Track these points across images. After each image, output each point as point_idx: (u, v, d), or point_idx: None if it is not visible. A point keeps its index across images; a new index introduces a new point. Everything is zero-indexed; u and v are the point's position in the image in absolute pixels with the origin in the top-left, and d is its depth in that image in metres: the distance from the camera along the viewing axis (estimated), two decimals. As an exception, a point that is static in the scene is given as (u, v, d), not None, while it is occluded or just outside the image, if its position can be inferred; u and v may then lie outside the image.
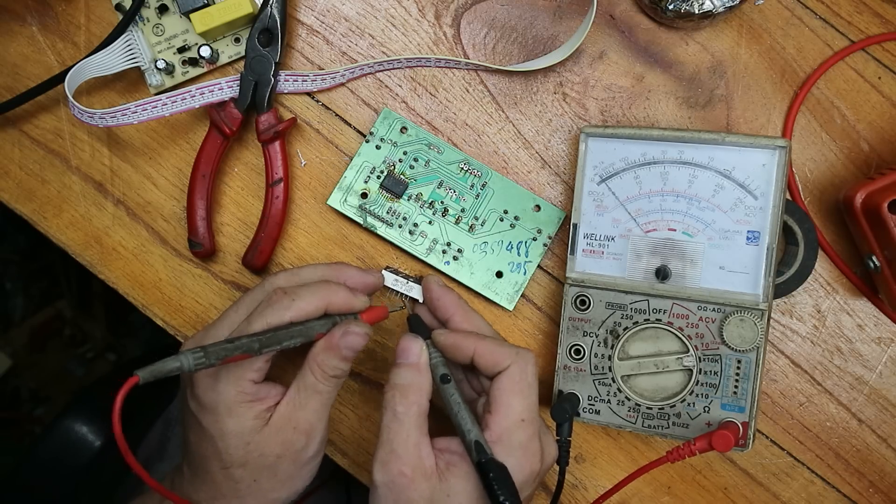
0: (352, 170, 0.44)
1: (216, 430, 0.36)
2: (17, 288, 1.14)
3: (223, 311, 0.39)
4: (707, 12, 0.42)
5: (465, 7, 0.45)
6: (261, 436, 0.36)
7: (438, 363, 0.38)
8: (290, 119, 0.44)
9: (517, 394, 0.36)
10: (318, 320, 0.37)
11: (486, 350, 0.37)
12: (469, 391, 0.41)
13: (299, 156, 0.46)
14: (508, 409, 0.36)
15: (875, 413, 0.45)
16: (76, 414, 0.64)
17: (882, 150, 0.44)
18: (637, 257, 0.41)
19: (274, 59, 0.43)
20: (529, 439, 0.36)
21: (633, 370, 0.41)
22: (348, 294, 0.38)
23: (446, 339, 0.38)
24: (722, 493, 0.46)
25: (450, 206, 0.44)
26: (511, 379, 0.36)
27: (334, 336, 0.37)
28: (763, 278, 0.39)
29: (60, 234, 0.46)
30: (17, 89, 0.45)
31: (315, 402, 0.37)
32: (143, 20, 0.44)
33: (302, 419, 0.37)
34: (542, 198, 0.44)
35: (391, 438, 0.35)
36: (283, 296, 0.37)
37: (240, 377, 0.36)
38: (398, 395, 0.36)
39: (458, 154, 0.44)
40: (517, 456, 0.35)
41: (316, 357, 0.37)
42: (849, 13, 0.44)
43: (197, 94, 0.43)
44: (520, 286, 0.44)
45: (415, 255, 0.44)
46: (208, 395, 0.36)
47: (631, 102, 0.45)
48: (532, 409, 0.37)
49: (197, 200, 0.44)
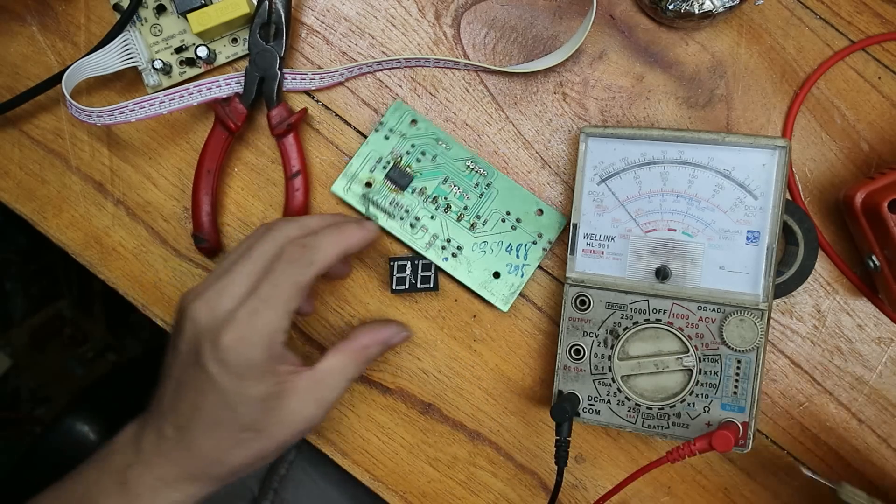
0: (358, 158, 0.44)
1: (239, 395, 0.35)
2: (17, 288, 1.13)
3: (225, 259, 0.38)
4: (707, 12, 0.42)
5: (465, 7, 0.45)
6: (280, 402, 0.35)
7: None
8: (302, 110, 0.44)
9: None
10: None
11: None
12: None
13: (299, 156, 0.46)
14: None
15: (875, 413, 0.45)
16: (76, 413, 0.64)
17: (882, 150, 0.44)
18: (637, 257, 0.41)
19: (279, 54, 0.43)
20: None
21: (632, 370, 0.41)
22: (362, 231, 0.38)
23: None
24: (722, 493, 0.46)
25: (453, 202, 0.44)
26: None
27: (388, 334, 0.40)
28: (763, 278, 0.39)
29: (60, 234, 0.46)
30: (17, 89, 0.45)
31: (345, 382, 0.38)
32: (140, 20, 0.44)
33: (326, 395, 0.37)
34: (544, 201, 0.44)
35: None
36: (303, 250, 0.36)
37: (272, 339, 0.35)
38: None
39: (466, 152, 0.44)
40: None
41: (367, 349, 0.39)
42: (849, 13, 0.44)
43: (195, 91, 0.43)
44: (516, 289, 0.44)
45: (414, 248, 0.44)
46: (238, 359, 0.34)
47: (631, 102, 0.45)
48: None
49: (202, 196, 0.44)
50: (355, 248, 0.38)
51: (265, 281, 0.35)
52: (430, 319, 0.46)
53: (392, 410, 0.46)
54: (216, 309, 0.35)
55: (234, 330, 0.34)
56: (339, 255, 0.37)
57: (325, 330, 0.46)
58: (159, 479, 0.36)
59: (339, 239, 0.37)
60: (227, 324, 0.35)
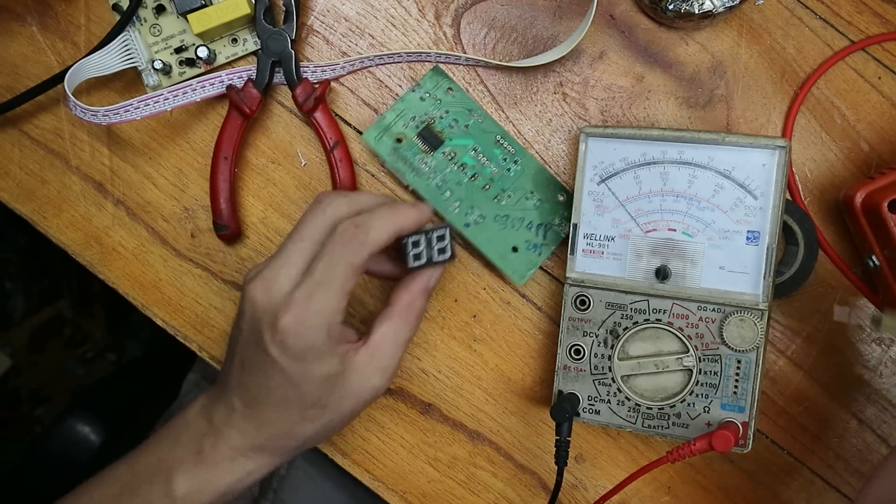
0: (393, 112, 0.44)
1: (303, 376, 0.35)
2: (17, 288, 1.14)
3: (282, 244, 0.37)
4: (707, 12, 0.42)
5: (465, 7, 0.45)
6: (344, 378, 0.36)
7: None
8: (325, 81, 0.44)
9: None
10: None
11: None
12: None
13: (299, 156, 0.46)
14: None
15: (875, 413, 0.45)
16: (77, 414, 0.64)
17: (882, 150, 0.44)
18: (637, 257, 0.41)
19: (290, 36, 0.43)
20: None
21: (632, 370, 0.41)
22: (416, 212, 0.37)
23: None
24: (722, 493, 0.46)
25: (480, 172, 0.44)
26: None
27: (427, 282, 0.38)
28: (763, 278, 0.39)
29: (60, 234, 0.46)
30: (17, 89, 0.45)
31: (400, 345, 0.37)
32: (140, 20, 0.44)
33: (385, 363, 0.37)
34: (568, 189, 0.44)
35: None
36: (356, 230, 0.35)
37: (330, 321, 0.35)
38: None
39: (498, 127, 0.44)
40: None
41: (412, 305, 0.38)
42: (849, 13, 0.44)
43: (198, 87, 0.43)
44: (533, 265, 0.44)
45: (438, 210, 0.44)
46: (297, 342, 0.35)
47: (631, 102, 0.45)
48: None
49: (220, 183, 0.44)
50: (409, 228, 0.37)
51: (319, 262, 0.35)
52: (430, 319, 0.46)
53: (392, 410, 0.46)
54: (272, 290, 0.35)
55: (292, 313, 0.34)
56: (392, 235, 0.36)
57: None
58: (233, 448, 0.37)
59: (393, 219, 0.36)
60: (284, 307, 0.35)
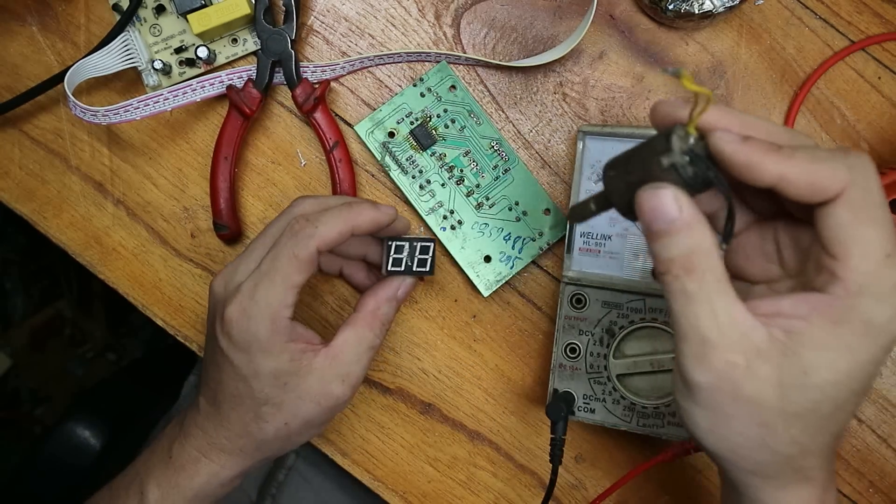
0: (389, 106, 0.44)
1: (250, 369, 0.35)
2: (17, 288, 1.14)
3: (250, 242, 0.38)
4: (707, 12, 0.42)
5: (465, 7, 0.45)
6: (299, 379, 0.35)
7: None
8: (325, 82, 0.44)
9: (869, 222, 0.25)
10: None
11: (801, 171, 0.25)
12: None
13: (299, 156, 0.46)
14: (865, 245, 0.25)
15: (875, 413, 0.45)
16: (77, 417, 0.64)
17: (882, 150, 0.44)
18: (634, 256, 0.41)
19: (290, 36, 0.43)
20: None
21: (628, 369, 0.41)
22: (373, 211, 0.37)
23: (738, 155, 0.26)
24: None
25: (467, 177, 0.44)
26: (853, 205, 0.25)
27: (395, 289, 0.38)
28: (762, 278, 0.39)
29: (60, 234, 0.47)
30: (17, 89, 0.45)
31: (365, 352, 0.37)
32: (140, 20, 0.44)
33: (348, 369, 0.36)
34: (555, 203, 0.44)
35: (696, 326, 0.26)
36: (306, 223, 0.35)
37: (274, 313, 0.34)
38: (680, 271, 0.26)
39: (495, 132, 0.44)
40: (893, 304, 0.25)
41: (377, 311, 0.37)
42: (849, 13, 0.44)
43: (198, 87, 0.43)
44: (502, 278, 0.44)
45: (417, 210, 0.44)
46: (241, 333, 0.34)
47: (631, 102, 0.45)
48: (893, 237, 0.26)
49: (220, 183, 0.44)
50: (364, 228, 0.36)
51: (268, 255, 0.35)
52: (430, 319, 0.46)
53: (392, 410, 0.46)
54: (229, 283, 0.36)
55: (236, 303, 0.35)
56: (343, 231, 0.36)
57: (324, 331, 0.46)
58: (197, 449, 0.37)
59: (347, 215, 0.36)
60: (230, 297, 0.35)
